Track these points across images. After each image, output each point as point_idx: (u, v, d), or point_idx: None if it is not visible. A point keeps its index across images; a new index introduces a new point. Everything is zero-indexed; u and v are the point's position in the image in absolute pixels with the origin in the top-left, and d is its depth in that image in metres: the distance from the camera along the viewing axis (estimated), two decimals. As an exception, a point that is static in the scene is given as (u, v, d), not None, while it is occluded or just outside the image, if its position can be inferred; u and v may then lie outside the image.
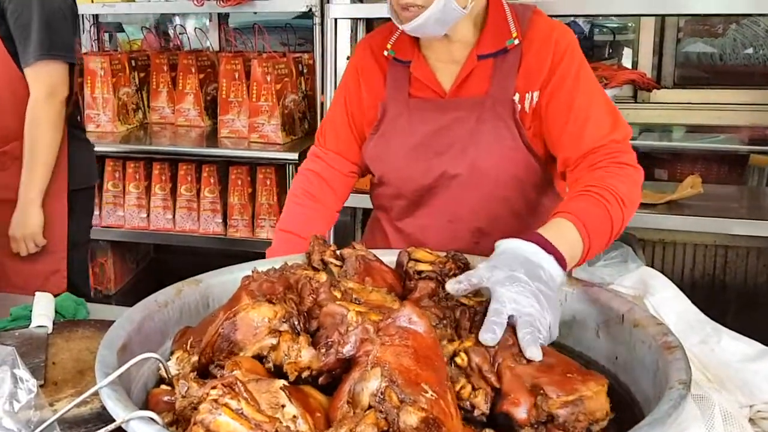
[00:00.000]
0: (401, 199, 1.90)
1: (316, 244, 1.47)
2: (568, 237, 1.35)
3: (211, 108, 4.10)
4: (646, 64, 4.39)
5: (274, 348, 1.10)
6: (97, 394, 0.98)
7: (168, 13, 5.03)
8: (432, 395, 0.94)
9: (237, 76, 3.77)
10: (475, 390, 1.07)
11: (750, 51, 4.46)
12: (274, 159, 3.63)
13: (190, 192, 3.83)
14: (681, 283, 1.55)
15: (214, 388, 0.90)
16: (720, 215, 2.91)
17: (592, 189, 1.48)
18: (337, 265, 1.41)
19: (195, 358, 1.14)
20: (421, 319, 1.06)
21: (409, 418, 0.90)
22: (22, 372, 1.05)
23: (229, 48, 4.42)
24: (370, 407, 0.93)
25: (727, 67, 4.49)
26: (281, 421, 0.91)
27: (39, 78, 2.51)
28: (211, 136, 3.92)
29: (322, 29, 3.51)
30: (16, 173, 2.56)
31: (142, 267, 4.49)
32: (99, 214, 3.91)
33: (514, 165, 1.76)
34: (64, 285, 2.62)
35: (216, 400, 0.89)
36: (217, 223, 3.82)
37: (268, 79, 3.58)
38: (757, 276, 3.60)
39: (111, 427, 0.92)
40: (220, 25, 4.64)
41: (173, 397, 1.02)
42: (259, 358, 1.10)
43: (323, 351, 1.08)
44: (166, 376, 1.13)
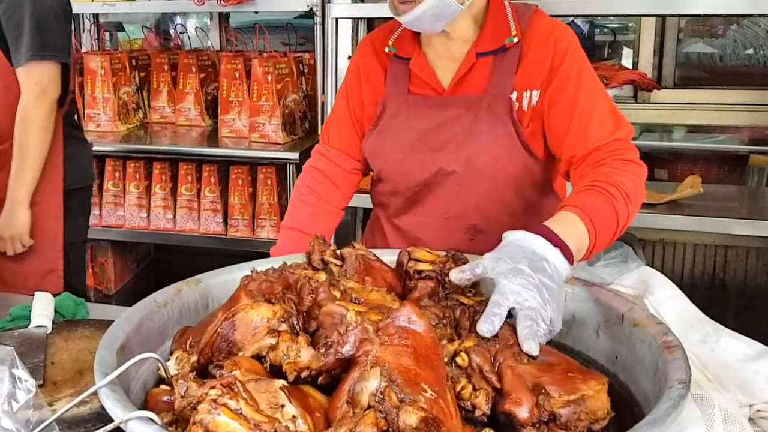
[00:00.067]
0: (398, 195, 1.91)
1: (316, 243, 1.46)
2: (574, 230, 1.35)
3: (212, 107, 4.10)
4: (647, 65, 4.39)
5: (273, 348, 1.10)
6: (96, 394, 0.98)
7: (169, 13, 5.04)
8: (431, 395, 0.94)
9: (238, 75, 3.77)
10: (476, 390, 1.07)
11: (750, 51, 4.46)
12: (274, 159, 3.63)
13: (191, 192, 3.83)
14: (681, 282, 1.55)
15: (213, 388, 0.90)
16: (720, 215, 2.91)
17: (598, 184, 1.48)
18: (337, 265, 1.41)
19: (194, 358, 1.14)
20: (420, 319, 1.06)
21: (409, 418, 0.90)
22: (21, 372, 1.05)
23: (229, 47, 4.41)
24: (370, 407, 0.93)
25: (727, 68, 4.50)
26: (280, 421, 0.90)
27: (30, 78, 2.49)
28: (212, 136, 3.92)
29: (323, 29, 3.52)
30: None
31: (142, 267, 4.48)
32: (99, 213, 3.91)
33: (510, 163, 1.76)
34: (61, 284, 2.61)
35: (215, 400, 0.88)
36: (217, 223, 3.81)
37: (269, 78, 3.58)
38: (757, 276, 3.60)
39: (110, 427, 0.92)
40: (221, 25, 4.64)
41: (172, 397, 1.02)
42: (259, 358, 1.10)
43: (322, 351, 1.08)
44: (166, 376, 1.12)
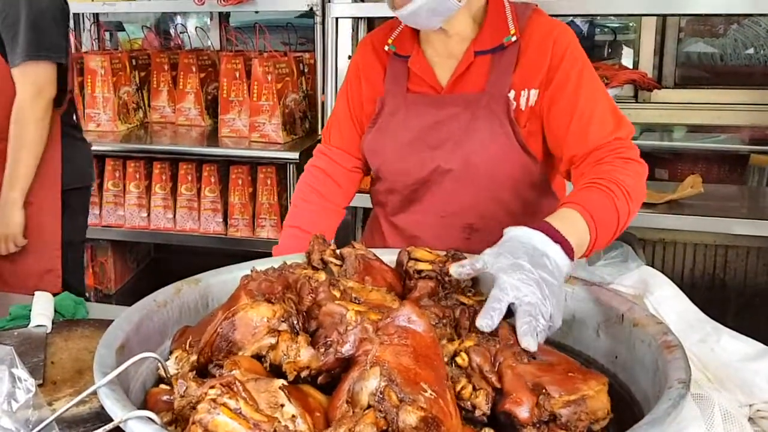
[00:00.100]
0: (396, 194, 1.91)
1: (315, 243, 1.46)
2: (575, 226, 1.35)
3: (212, 107, 4.10)
4: (647, 64, 4.39)
5: (273, 347, 1.10)
6: (95, 393, 0.98)
7: (169, 12, 5.04)
8: (431, 394, 0.94)
9: (238, 75, 3.77)
10: (476, 390, 1.06)
11: (751, 51, 4.46)
12: (274, 158, 3.63)
13: (191, 191, 3.82)
14: (681, 282, 1.55)
15: (213, 387, 0.90)
16: (720, 215, 2.91)
17: (599, 181, 1.49)
18: (336, 265, 1.41)
19: (194, 358, 1.14)
20: (420, 319, 1.06)
21: (409, 418, 0.90)
22: (21, 371, 1.05)
23: (230, 47, 4.41)
24: (370, 406, 0.93)
25: (727, 68, 4.50)
26: (280, 421, 0.90)
27: (26, 78, 2.49)
28: (212, 136, 3.92)
29: (323, 28, 3.52)
30: None
31: (142, 266, 4.48)
32: (99, 213, 3.91)
33: (507, 162, 1.75)
34: (59, 284, 2.61)
35: (214, 400, 0.88)
36: (217, 223, 3.81)
37: (269, 78, 3.57)
38: (757, 276, 3.59)
39: (109, 426, 0.92)
40: (221, 25, 4.64)
41: (172, 397, 1.02)
42: (258, 358, 1.10)
43: (322, 350, 1.07)
44: (165, 375, 1.12)
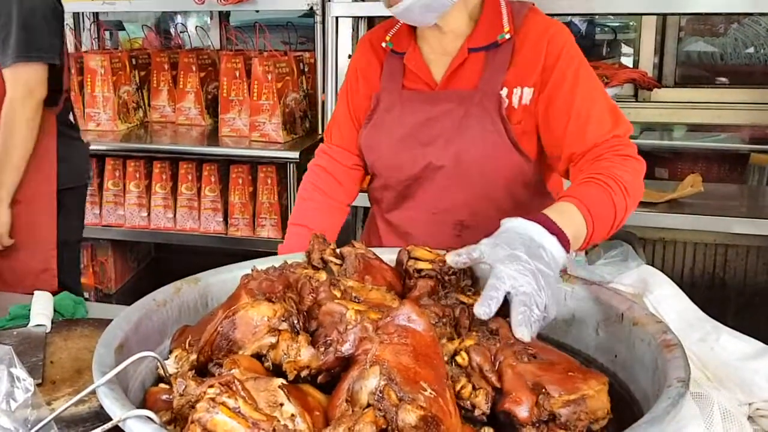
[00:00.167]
0: (390, 190, 1.92)
1: (315, 242, 1.46)
2: (572, 220, 1.36)
3: (212, 107, 4.10)
4: (647, 63, 4.39)
5: (273, 347, 1.10)
6: (94, 392, 0.97)
7: (169, 12, 5.04)
8: (431, 393, 0.94)
9: (238, 74, 3.77)
10: (475, 390, 1.06)
11: (751, 50, 4.46)
12: (275, 158, 3.62)
13: (191, 191, 3.82)
14: (681, 281, 1.55)
15: (212, 386, 0.90)
16: (720, 214, 2.91)
17: (597, 177, 1.50)
18: (336, 264, 1.41)
19: (193, 357, 1.14)
20: (420, 318, 1.06)
21: (408, 417, 0.90)
22: (19, 371, 1.05)
23: (230, 46, 4.41)
24: (369, 405, 0.93)
25: (728, 67, 4.50)
26: (279, 420, 0.90)
27: (17, 79, 2.48)
28: (212, 135, 3.92)
29: (324, 28, 3.52)
30: None
31: (142, 266, 4.48)
32: (99, 213, 3.91)
33: (498, 160, 1.75)
34: (55, 283, 2.61)
35: (213, 399, 0.88)
36: (217, 222, 3.81)
37: (269, 77, 3.57)
38: (757, 275, 3.59)
39: (108, 425, 0.92)
40: (222, 24, 4.64)
41: (171, 396, 1.01)
42: (258, 357, 1.10)
43: (322, 350, 1.07)
44: (164, 374, 1.12)
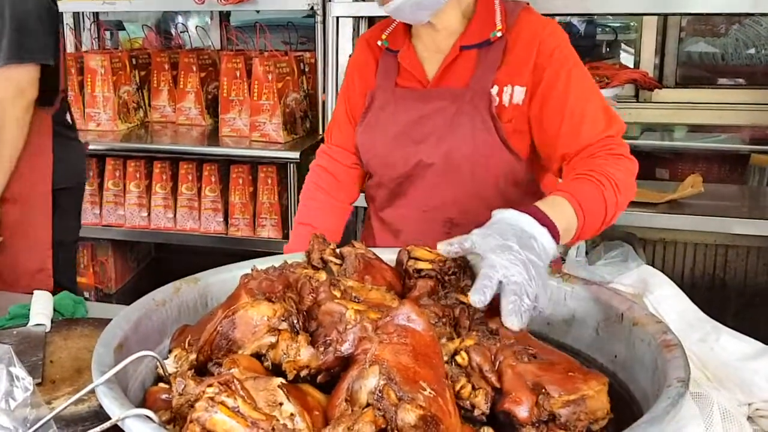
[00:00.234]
0: (383, 188, 1.93)
1: (315, 242, 1.46)
2: (563, 212, 1.38)
3: (212, 107, 4.09)
4: (648, 64, 4.39)
5: (272, 346, 1.10)
6: (94, 392, 0.97)
7: (169, 12, 5.03)
8: (430, 393, 0.94)
9: (238, 74, 3.76)
10: (475, 390, 1.06)
11: (752, 51, 4.46)
12: (275, 158, 3.62)
13: (191, 191, 3.82)
14: (681, 282, 1.55)
15: (211, 386, 0.90)
16: (721, 215, 2.91)
17: (589, 173, 1.52)
18: (336, 264, 1.41)
19: (193, 356, 1.14)
20: (419, 317, 1.06)
21: (407, 416, 0.90)
22: (18, 370, 1.05)
23: (230, 46, 4.41)
24: (368, 405, 0.93)
25: (728, 67, 4.50)
26: (278, 419, 0.90)
27: (8, 80, 2.48)
28: (212, 135, 3.91)
29: (324, 28, 3.52)
30: None
31: (143, 266, 4.48)
32: (99, 213, 3.91)
33: (488, 158, 1.76)
34: (51, 283, 2.60)
35: (212, 398, 0.88)
36: (218, 222, 3.81)
37: (270, 77, 3.57)
38: (757, 275, 3.59)
39: (107, 425, 0.92)
40: (222, 24, 4.64)
41: (170, 395, 1.01)
42: (258, 357, 1.10)
43: (321, 349, 1.07)
44: (164, 374, 1.12)
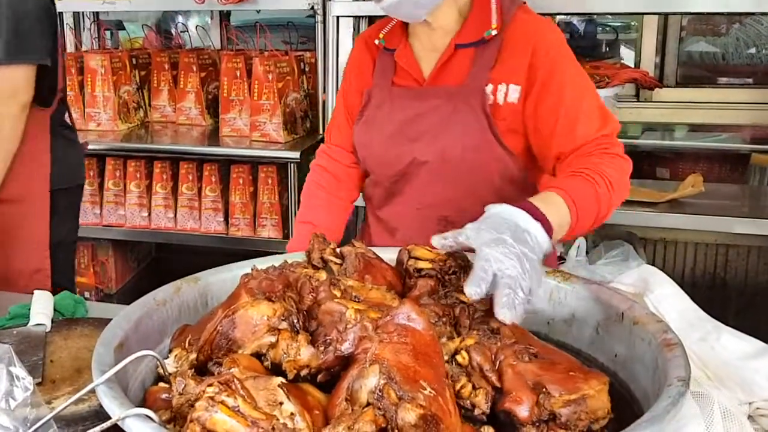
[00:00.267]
0: (379, 186, 1.94)
1: (315, 242, 1.46)
2: (556, 208, 1.39)
3: (213, 106, 4.09)
4: (649, 63, 4.39)
5: (272, 346, 1.10)
6: (94, 391, 0.97)
7: (170, 11, 5.03)
8: (430, 392, 0.94)
9: (238, 74, 3.76)
10: (475, 389, 1.06)
11: (752, 50, 4.46)
12: (275, 158, 3.62)
13: (192, 191, 3.82)
14: (682, 281, 1.54)
15: (211, 385, 0.90)
16: (721, 214, 2.91)
17: (583, 171, 1.53)
18: (336, 263, 1.41)
19: (193, 356, 1.14)
20: (419, 317, 1.06)
21: (408, 415, 0.90)
22: (18, 370, 1.05)
23: (230, 46, 4.40)
24: (369, 404, 0.93)
25: (729, 67, 4.50)
26: (278, 418, 0.90)
27: (3, 81, 2.46)
28: (213, 135, 3.91)
29: (324, 27, 3.51)
30: None
31: (143, 266, 4.47)
32: (100, 213, 3.91)
33: (482, 155, 1.76)
34: (49, 284, 2.59)
35: (212, 398, 0.88)
36: (218, 222, 3.81)
37: (270, 77, 3.57)
38: (758, 275, 3.59)
39: (107, 424, 0.91)
40: (222, 24, 4.63)
41: (170, 395, 1.01)
42: (258, 356, 1.10)
43: (322, 349, 1.07)
44: (164, 373, 1.12)
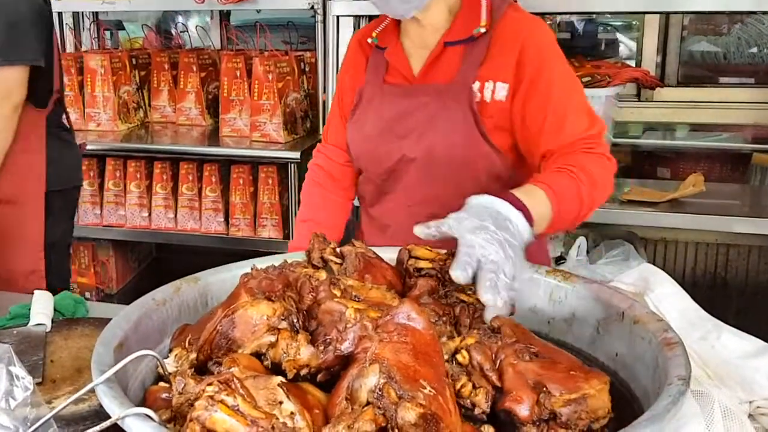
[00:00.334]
0: (370, 184, 1.96)
1: (315, 241, 1.46)
2: (538, 200, 1.41)
3: (213, 107, 4.09)
4: (650, 62, 4.38)
5: (272, 345, 1.10)
6: (94, 391, 0.97)
7: (169, 11, 5.03)
8: (430, 391, 0.94)
9: (238, 74, 3.76)
10: (476, 388, 1.06)
11: (754, 50, 4.45)
12: (275, 158, 3.62)
13: (192, 191, 3.82)
14: (683, 281, 1.55)
15: (211, 384, 0.90)
16: (722, 213, 2.92)
17: (567, 167, 1.55)
18: (336, 263, 1.41)
19: (193, 356, 1.14)
20: (419, 316, 1.06)
21: (407, 414, 0.90)
22: (18, 369, 1.05)
23: (230, 46, 4.40)
24: (369, 403, 0.93)
25: (731, 66, 4.49)
26: (278, 418, 0.90)
27: None
28: (213, 135, 3.91)
29: (324, 27, 3.51)
30: None
31: (143, 266, 4.47)
32: (100, 213, 3.92)
33: (468, 152, 1.77)
34: (43, 285, 2.59)
35: (212, 397, 0.88)
36: (218, 222, 3.80)
37: (270, 77, 3.57)
38: (758, 274, 3.59)
39: (106, 424, 0.91)
40: (222, 23, 4.63)
41: (170, 394, 1.01)
42: (258, 356, 1.10)
43: (321, 348, 1.07)
44: (164, 373, 1.12)
